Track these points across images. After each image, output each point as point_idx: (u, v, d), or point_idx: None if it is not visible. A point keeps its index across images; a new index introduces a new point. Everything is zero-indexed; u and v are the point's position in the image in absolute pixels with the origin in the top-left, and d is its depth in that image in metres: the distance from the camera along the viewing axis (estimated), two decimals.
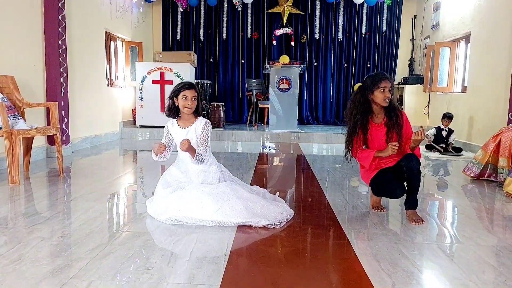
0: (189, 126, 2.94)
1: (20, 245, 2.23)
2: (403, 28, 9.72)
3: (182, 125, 2.95)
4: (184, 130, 2.93)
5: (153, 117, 7.82)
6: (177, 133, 2.95)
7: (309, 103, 9.92)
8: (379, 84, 2.81)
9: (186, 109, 2.86)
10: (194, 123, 2.94)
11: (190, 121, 2.95)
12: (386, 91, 2.80)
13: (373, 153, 2.83)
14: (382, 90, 2.80)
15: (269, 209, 2.73)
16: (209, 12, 9.69)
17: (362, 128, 2.87)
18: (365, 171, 2.98)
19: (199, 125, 2.92)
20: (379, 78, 2.83)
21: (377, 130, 2.89)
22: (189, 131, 2.92)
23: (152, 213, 2.78)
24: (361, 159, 2.92)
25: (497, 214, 3.22)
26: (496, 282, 1.93)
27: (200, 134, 2.91)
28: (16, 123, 3.94)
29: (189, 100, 2.85)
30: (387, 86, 2.80)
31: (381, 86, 2.80)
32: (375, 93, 2.82)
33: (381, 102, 2.83)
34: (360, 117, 2.87)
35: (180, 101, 2.87)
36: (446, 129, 6.48)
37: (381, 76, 2.85)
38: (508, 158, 4.06)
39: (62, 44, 5.32)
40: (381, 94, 2.81)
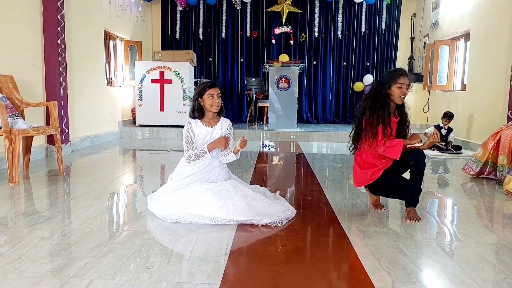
0: (214, 125, 2.98)
1: (20, 244, 2.23)
2: (402, 26, 9.72)
3: (207, 124, 2.97)
4: (210, 129, 2.96)
5: (152, 116, 7.83)
6: (202, 132, 2.96)
7: (309, 102, 9.92)
8: (397, 80, 2.79)
9: (214, 107, 2.90)
10: (220, 122, 3.01)
11: (215, 120, 3.00)
12: (404, 87, 2.78)
13: (403, 142, 2.75)
14: (400, 86, 2.78)
15: (271, 208, 2.74)
16: (208, 11, 9.68)
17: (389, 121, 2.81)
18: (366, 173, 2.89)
19: (224, 124, 3.02)
20: (398, 74, 2.81)
21: (393, 124, 2.86)
22: (215, 129, 2.97)
23: (153, 210, 2.79)
24: (390, 148, 2.73)
25: (496, 212, 3.23)
26: (495, 279, 1.94)
27: (225, 133, 3.00)
28: (15, 122, 3.94)
29: (216, 98, 2.89)
30: (405, 82, 2.78)
31: (399, 82, 2.78)
32: (393, 88, 2.80)
33: (397, 99, 2.80)
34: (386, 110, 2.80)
35: (207, 100, 2.89)
36: (445, 127, 6.49)
37: (401, 72, 2.83)
38: (508, 156, 4.06)
39: (61, 44, 5.31)
40: (398, 90, 2.78)
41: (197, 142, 2.95)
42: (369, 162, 2.89)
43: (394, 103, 2.85)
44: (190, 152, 2.89)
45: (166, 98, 7.76)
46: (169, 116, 7.74)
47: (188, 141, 2.93)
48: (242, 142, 2.89)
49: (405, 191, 2.85)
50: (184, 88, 7.71)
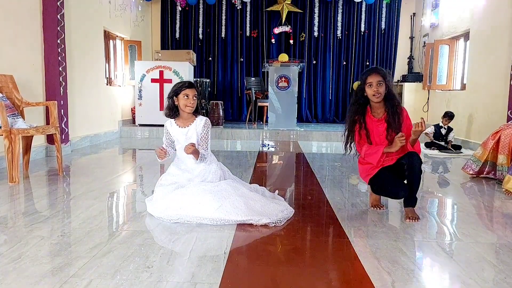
0: (188, 125, 2.94)
1: (20, 244, 2.23)
2: (402, 26, 9.72)
3: (181, 124, 2.95)
4: (184, 130, 2.93)
5: (152, 116, 7.83)
6: (177, 133, 2.95)
7: (308, 101, 9.92)
8: (366, 80, 2.82)
9: (188, 108, 2.87)
10: (194, 121, 2.95)
11: (190, 120, 2.95)
12: (374, 85, 2.77)
13: (382, 149, 2.78)
14: (369, 85, 2.79)
15: (270, 207, 2.74)
16: (208, 11, 9.68)
17: (360, 121, 2.85)
18: (364, 168, 2.95)
19: (199, 123, 2.94)
20: (366, 73, 2.84)
21: (378, 125, 2.87)
22: (189, 130, 2.93)
23: (152, 212, 2.79)
24: (369, 155, 2.85)
25: (496, 212, 3.23)
26: (495, 279, 1.94)
27: (201, 132, 2.93)
28: (15, 122, 3.94)
29: (191, 99, 2.85)
30: (373, 80, 2.77)
31: (367, 82, 2.80)
32: (366, 89, 2.82)
33: (371, 98, 2.82)
34: (357, 109, 2.86)
35: (181, 100, 2.86)
36: (445, 127, 6.49)
37: (369, 71, 2.84)
38: (508, 156, 4.06)
39: (61, 43, 5.31)
40: (369, 89, 2.80)
41: (176, 141, 2.98)
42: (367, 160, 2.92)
43: (376, 104, 2.85)
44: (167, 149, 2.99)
45: (165, 97, 7.73)
46: None
47: (166, 142, 3.03)
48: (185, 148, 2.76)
49: (389, 189, 2.86)
50: None
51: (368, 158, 2.87)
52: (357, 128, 2.88)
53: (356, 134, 2.88)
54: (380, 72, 2.81)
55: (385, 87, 2.80)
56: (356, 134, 2.89)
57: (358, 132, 2.88)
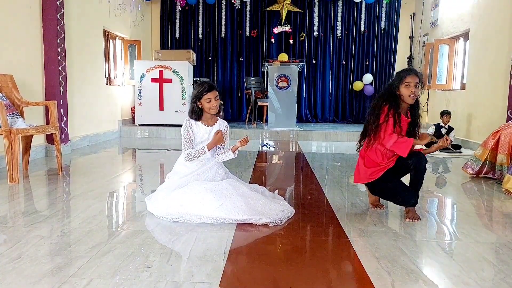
0: (213, 124, 3.01)
1: (19, 243, 2.23)
2: (401, 25, 9.72)
3: (206, 123, 3.00)
4: (209, 128, 2.99)
5: (152, 116, 7.83)
6: (201, 131, 2.98)
7: (308, 101, 9.92)
8: (404, 79, 2.78)
9: (212, 110, 2.93)
10: (218, 122, 3.04)
11: (213, 120, 3.03)
12: (412, 86, 2.75)
13: (413, 141, 2.76)
14: (407, 85, 2.76)
15: (270, 207, 2.74)
16: (208, 10, 9.68)
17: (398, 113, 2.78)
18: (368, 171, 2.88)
19: (222, 124, 3.06)
20: (405, 73, 2.81)
21: (404, 124, 2.84)
22: (214, 128, 3.00)
23: (152, 210, 2.79)
24: (399, 143, 2.73)
25: (496, 211, 3.23)
26: (495, 279, 1.94)
27: (223, 133, 3.03)
28: (15, 122, 3.94)
29: (213, 101, 2.90)
30: (412, 81, 2.75)
31: (405, 81, 2.77)
32: (401, 88, 2.78)
33: (406, 98, 2.78)
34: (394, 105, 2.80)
35: (205, 104, 2.91)
36: (446, 126, 6.50)
37: (408, 71, 2.82)
38: (507, 155, 4.06)
39: (61, 43, 5.31)
40: (406, 89, 2.77)
41: (196, 140, 2.96)
42: (374, 160, 2.87)
43: (406, 104, 2.83)
44: (189, 150, 2.90)
45: (165, 97, 7.76)
46: (168, 115, 7.74)
47: (186, 139, 2.93)
48: (243, 140, 2.89)
49: (399, 197, 2.85)
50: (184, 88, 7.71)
51: (397, 147, 2.74)
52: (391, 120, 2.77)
53: (392, 123, 2.76)
54: (418, 74, 2.81)
55: (419, 91, 2.81)
56: (390, 125, 2.76)
57: (394, 123, 2.77)
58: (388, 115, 2.77)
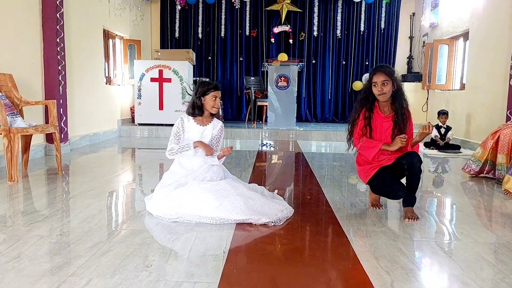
0: (206, 124, 3.00)
1: (19, 243, 2.23)
2: (401, 25, 9.72)
3: (199, 122, 2.99)
4: (201, 128, 2.99)
5: (151, 115, 7.83)
6: (193, 130, 2.98)
7: (308, 101, 9.92)
8: (371, 79, 2.81)
9: (214, 109, 2.94)
10: (212, 122, 3.02)
11: (208, 120, 3.02)
12: (379, 85, 2.76)
13: (380, 145, 2.76)
14: (374, 84, 2.79)
15: (269, 207, 2.74)
16: (207, 10, 9.67)
17: (365, 116, 2.81)
18: (363, 169, 2.93)
19: (216, 125, 3.03)
20: (372, 72, 2.83)
21: (383, 122, 2.84)
22: (206, 129, 2.99)
23: (152, 210, 2.79)
24: (365, 148, 2.81)
25: (495, 212, 3.23)
26: (494, 279, 1.94)
27: (216, 134, 3.03)
28: (14, 121, 3.93)
29: (218, 100, 2.93)
30: (378, 80, 2.76)
31: (373, 81, 2.80)
32: (372, 88, 2.81)
33: (377, 97, 2.81)
34: (365, 104, 2.84)
35: (209, 101, 2.92)
36: (444, 126, 6.50)
37: (374, 70, 2.83)
38: (507, 155, 4.06)
39: (60, 42, 5.30)
40: (374, 89, 2.80)
41: (188, 139, 2.97)
42: (365, 159, 2.90)
43: (384, 102, 2.84)
44: (173, 145, 2.92)
45: (165, 96, 7.76)
46: (168, 115, 7.73)
47: (175, 135, 2.96)
48: (226, 150, 2.92)
49: (388, 189, 2.86)
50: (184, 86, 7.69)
51: (364, 152, 2.83)
52: (361, 122, 2.84)
53: (359, 127, 2.84)
54: (385, 71, 2.78)
55: (392, 86, 2.78)
56: (357, 127, 2.84)
57: (361, 126, 2.83)
58: (360, 117, 2.84)
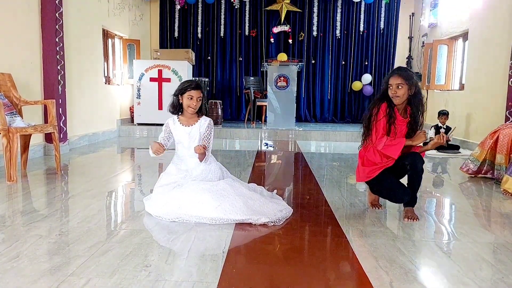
0: (192, 124, 2.96)
1: (18, 243, 2.23)
2: (401, 25, 9.72)
3: (185, 123, 2.97)
4: (188, 129, 2.95)
5: (150, 115, 7.83)
6: (179, 131, 2.96)
7: (307, 101, 9.92)
8: (387, 81, 2.78)
9: (190, 109, 2.90)
10: (198, 121, 2.97)
11: (193, 120, 2.98)
12: (394, 87, 2.73)
13: (405, 141, 2.73)
14: (390, 86, 2.76)
15: (268, 207, 2.74)
16: (207, 10, 9.67)
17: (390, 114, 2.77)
18: (364, 169, 2.89)
19: (203, 124, 2.97)
20: (389, 75, 2.81)
21: (401, 124, 2.82)
22: (193, 129, 2.95)
23: (151, 211, 2.78)
24: (389, 146, 2.73)
25: (494, 212, 3.24)
26: (493, 279, 1.94)
27: (204, 132, 2.96)
28: (13, 121, 3.93)
29: (194, 100, 2.88)
30: (393, 83, 2.74)
31: (389, 83, 2.77)
32: (388, 90, 2.78)
33: (392, 99, 2.77)
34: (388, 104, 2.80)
35: (185, 100, 2.89)
36: (444, 126, 6.51)
37: (392, 72, 2.82)
38: (506, 155, 4.07)
39: (60, 42, 5.30)
40: (390, 92, 2.77)
41: (177, 141, 2.99)
42: (371, 159, 2.87)
43: (401, 104, 2.82)
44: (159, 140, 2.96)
45: (164, 96, 7.75)
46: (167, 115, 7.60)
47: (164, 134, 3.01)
48: (197, 148, 2.84)
49: (393, 194, 2.85)
50: None
51: (388, 150, 2.74)
52: (383, 119, 2.76)
53: (383, 124, 2.76)
54: (402, 74, 2.76)
55: (408, 90, 2.75)
56: (382, 125, 2.76)
57: (385, 123, 2.77)
58: (379, 114, 2.77)
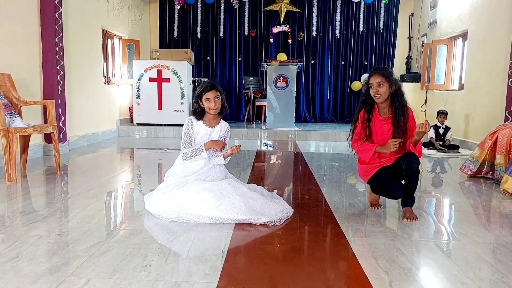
0: (214, 126, 3.00)
1: (17, 243, 2.23)
2: (400, 25, 9.73)
3: (208, 124, 2.98)
4: (209, 129, 2.98)
5: (150, 115, 7.83)
6: (201, 131, 2.97)
7: (307, 101, 9.93)
8: (368, 81, 2.83)
9: (212, 110, 2.91)
10: (219, 124, 3.03)
11: (216, 121, 3.02)
12: (374, 87, 2.76)
13: (374, 148, 2.78)
14: (370, 86, 2.79)
15: (269, 207, 2.74)
16: (206, 10, 9.68)
17: (364, 119, 2.83)
18: (363, 168, 2.93)
19: (223, 127, 3.03)
20: (369, 74, 2.84)
21: (383, 124, 2.84)
22: (214, 130, 2.99)
23: (151, 209, 2.78)
24: (361, 151, 2.87)
25: (494, 212, 3.24)
26: (493, 279, 1.94)
27: (223, 135, 3.02)
28: (13, 121, 3.93)
29: (212, 101, 2.88)
30: (373, 82, 2.76)
31: (369, 83, 2.81)
32: (370, 90, 2.82)
33: (374, 99, 2.80)
34: (364, 107, 2.86)
35: (205, 104, 2.90)
36: (443, 126, 6.51)
37: (371, 72, 2.84)
38: (505, 156, 4.07)
39: (59, 42, 5.29)
40: (371, 90, 2.80)
41: (196, 140, 2.96)
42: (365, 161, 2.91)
43: (383, 104, 2.82)
44: (187, 149, 2.90)
45: (164, 96, 7.75)
46: (166, 115, 7.73)
47: (186, 138, 2.93)
48: (235, 148, 2.89)
49: (387, 189, 2.86)
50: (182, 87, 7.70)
51: (361, 155, 2.90)
52: (359, 125, 2.86)
53: (357, 130, 2.87)
54: (381, 72, 2.78)
55: (389, 88, 2.77)
56: (357, 131, 2.87)
57: (360, 129, 2.86)
58: (357, 121, 2.87)
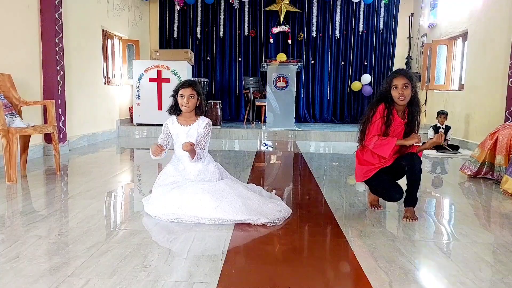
0: (190, 124, 2.96)
1: (17, 243, 2.23)
2: (400, 25, 9.73)
3: (183, 122, 2.96)
4: (185, 128, 2.95)
5: (150, 115, 7.83)
6: (178, 131, 2.95)
7: (306, 101, 9.92)
8: (392, 82, 2.76)
9: (183, 108, 2.89)
10: (196, 121, 2.97)
11: (192, 119, 2.97)
12: (399, 88, 2.71)
13: (395, 140, 2.73)
14: (395, 87, 2.74)
15: (267, 207, 2.74)
16: (206, 10, 9.67)
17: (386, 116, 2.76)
18: (362, 168, 2.91)
19: (201, 124, 2.96)
20: (392, 75, 2.79)
21: (398, 126, 2.81)
22: (191, 129, 2.95)
23: (150, 211, 2.78)
24: (380, 146, 2.75)
25: (494, 212, 3.24)
26: (493, 279, 1.94)
27: (201, 132, 2.95)
28: (13, 121, 3.93)
29: (186, 98, 2.86)
30: (399, 83, 2.72)
31: (393, 84, 2.75)
32: (392, 91, 2.76)
33: (396, 100, 2.76)
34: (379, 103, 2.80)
35: (179, 99, 2.89)
36: (443, 126, 6.51)
37: (395, 73, 2.80)
38: (505, 156, 4.07)
39: (59, 42, 5.29)
40: (394, 92, 2.75)
41: (176, 140, 2.97)
42: (367, 159, 2.88)
43: (400, 105, 2.80)
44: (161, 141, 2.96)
45: (163, 97, 7.75)
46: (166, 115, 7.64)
47: (164, 135, 2.99)
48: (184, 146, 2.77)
49: (386, 192, 2.86)
50: None
51: (379, 149, 2.76)
52: (379, 120, 2.77)
53: (377, 125, 2.77)
54: (406, 74, 2.76)
55: (411, 90, 2.75)
56: (376, 126, 2.77)
57: (380, 124, 2.77)
58: (375, 116, 2.78)
